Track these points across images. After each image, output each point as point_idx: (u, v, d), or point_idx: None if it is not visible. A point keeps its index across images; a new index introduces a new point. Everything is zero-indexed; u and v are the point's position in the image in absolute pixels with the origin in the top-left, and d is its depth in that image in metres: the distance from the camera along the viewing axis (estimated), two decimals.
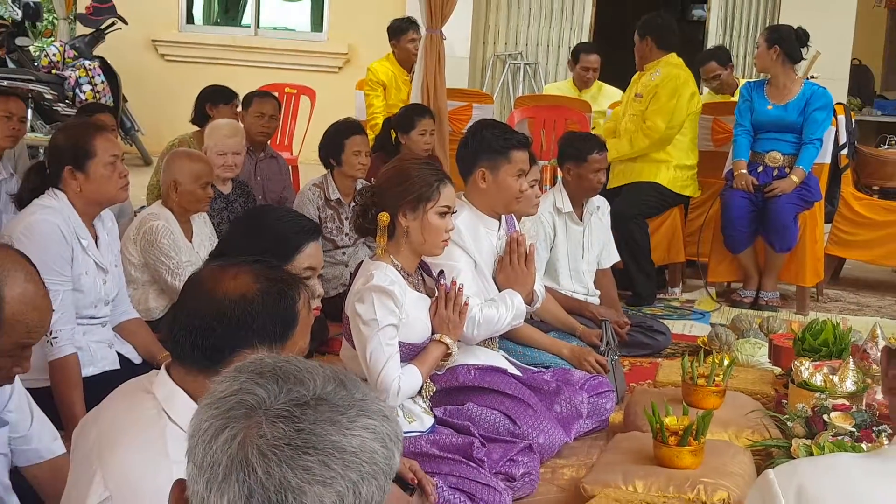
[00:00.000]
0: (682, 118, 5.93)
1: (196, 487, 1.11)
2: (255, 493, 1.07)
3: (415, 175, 3.34)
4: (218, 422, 1.11)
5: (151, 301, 4.37)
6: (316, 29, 11.52)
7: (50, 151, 3.71)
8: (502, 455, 3.30)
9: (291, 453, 1.08)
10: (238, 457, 1.08)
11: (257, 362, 1.18)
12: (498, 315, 3.71)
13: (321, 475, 1.08)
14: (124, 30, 10.03)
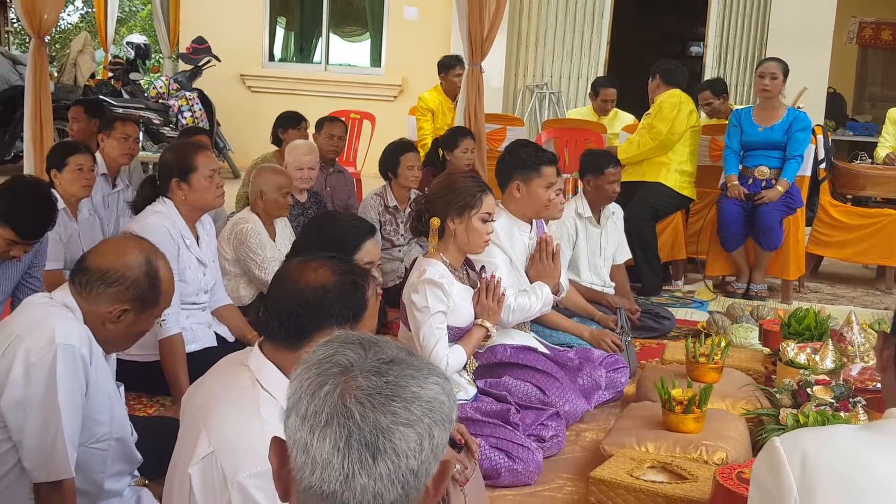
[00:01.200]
0: (682, 128, 5.90)
1: (299, 435, 1.11)
2: (353, 434, 1.08)
3: (461, 186, 3.34)
4: (318, 378, 1.12)
5: (242, 290, 4.40)
6: (375, 64, 11.54)
7: (160, 166, 3.76)
8: (534, 420, 3.30)
9: (382, 400, 1.10)
10: (338, 405, 1.09)
11: (344, 334, 1.19)
12: (529, 303, 3.71)
13: (406, 418, 1.10)
14: (218, 66, 10.12)
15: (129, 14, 19.78)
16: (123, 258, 2.25)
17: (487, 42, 6.27)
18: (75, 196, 4.50)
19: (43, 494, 2.19)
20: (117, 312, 2.24)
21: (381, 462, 1.09)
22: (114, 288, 2.23)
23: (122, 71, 10.37)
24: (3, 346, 2.19)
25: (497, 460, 3.01)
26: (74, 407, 2.17)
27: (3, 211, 3.29)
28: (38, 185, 3.45)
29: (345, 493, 1.09)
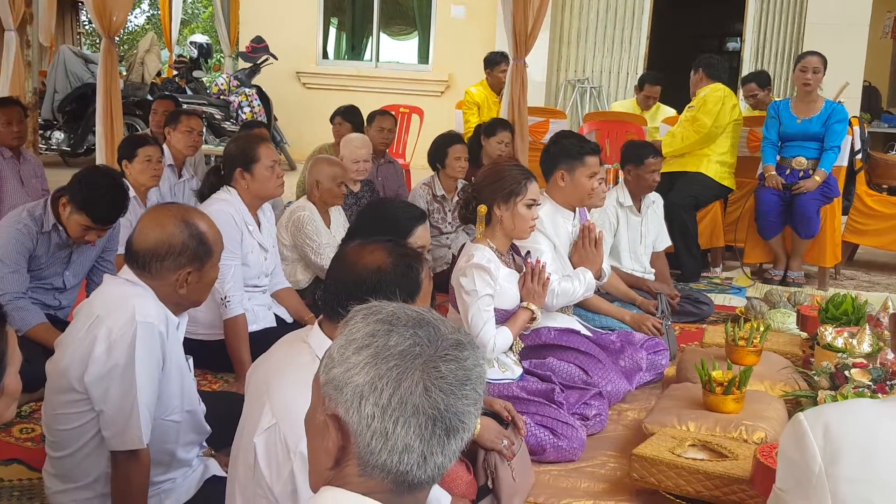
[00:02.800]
0: (725, 121, 5.82)
1: (378, 423, 1.11)
2: (437, 422, 1.11)
3: (507, 174, 3.31)
4: (397, 370, 1.12)
5: (299, 274, 4.44)
6: (423, 61, 11.55)
7: (224, 157, 3.79)
8: (578, 399, 3.28)
9: (459, 386, 1.12)
10: (423, 397, 1.11)
11: (399, 312, 1.19)
12: (573, 288, 3.68)
13: (474, 399, 1.14)
14: (275, 64, 10.20)
15: (191, 16, 20.01)
16: (163, 230, 2.28)
17: (531, 38, 6.23)
18: (144, 185, 4.57)
19: (120, 462, 2.23)
20: (183, 277, 2.29)
21: (454, 440, 1.13)
22: (168, 260, 2.27)
23: (186, 69, 10.49)
24: (85, 325, 2.24)
25: (542, 437, 3.01)
26: (151, 381, 2.21)
27: (80, 198, 3.36)
28: (111, 175, 3.50)
29: (417, 471, 1.12)
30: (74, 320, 2.35)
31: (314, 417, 1.23)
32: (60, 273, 3.61)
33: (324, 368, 1.20)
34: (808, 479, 1.31)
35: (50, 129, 9.62)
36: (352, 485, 1.16)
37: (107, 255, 3.80)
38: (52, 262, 3.57)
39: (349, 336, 1.18)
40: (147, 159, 4.53)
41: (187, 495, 2.43)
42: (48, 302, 3.61)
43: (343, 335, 1.20)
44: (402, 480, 1.13)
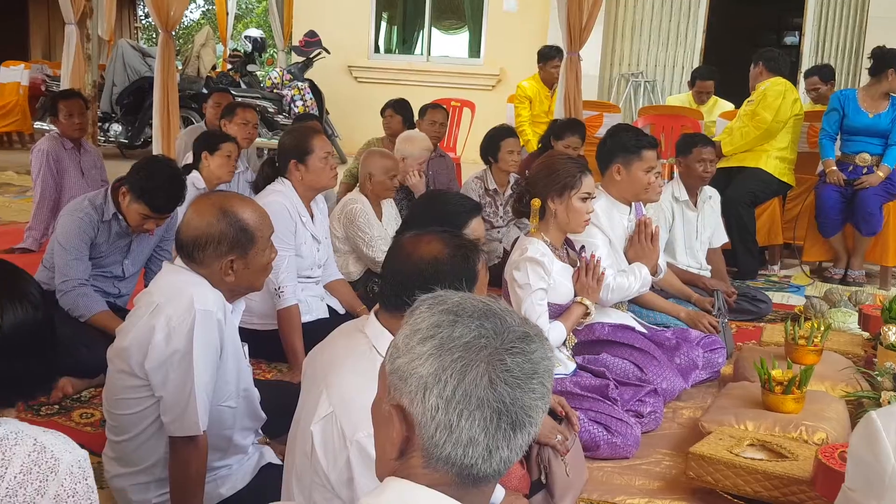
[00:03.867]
0: (786, 115, 5.70)
1: (442, 415, 1.10)
2: (503, 416, 1.09)
3: (561, 168, 3.28)
4: (461, 363, 1.10)
5: (351, 266, 4.46)
6: (474, 55, 11.53)
7: (279, 149, 3.82)
8: (632, 396, 3.24)
9: (526, 379, 1.10)
10: (489, 390, 1.09)
11: (465, 303, 1.17)
12: (628, 283, 3.64)
13: (541, 393, 1.12)
14: (328, 58, 10.26)
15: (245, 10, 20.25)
16: (202, 220, 2.30)
17: (586, 31, 6.19)
18: (220, 180, 4.61)
19: (179, 448, 2.26)
20: (227, 266, 2.31)
21: (521, 435, 1.11)
22: (209, 249, 2.29)
23: (241, 63, 10.62)
24: (145, 313, 2.27)
25: (596, 433, 2.98)
26: (209, 368, 2.24)
27: (139, 188, 3.41)
28: (169, 165, 3.55)
29: (483, 465, 1.11)
30: (135, 308, 2.38)
31: (380, 407, 1.22)
32: (120, 261, 3.68)
33: (389, 358, 1.19)
34: (881, 479, 1.28)
35: (108, 122, 9.82)
36: (417, 476, 1.15)
37: (164, 245, 3.86)
38: (112, 251, 3.64)
39: (414, 326, 1.17)
40: (227, 155, 4.60)
41: (243, 482, 2.46)
42: (108, 290, 3.67)
43: (408, 325, 1.18)
44: (467, 474, 1.12)
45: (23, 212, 6.81)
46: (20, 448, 1.44)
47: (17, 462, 1.43)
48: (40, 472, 1.43)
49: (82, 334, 3.40)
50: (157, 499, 2.38)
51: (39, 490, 1.42)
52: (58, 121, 5.44)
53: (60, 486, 1.44)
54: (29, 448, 1.45)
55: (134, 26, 14.60)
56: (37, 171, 5.50)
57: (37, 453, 1.45)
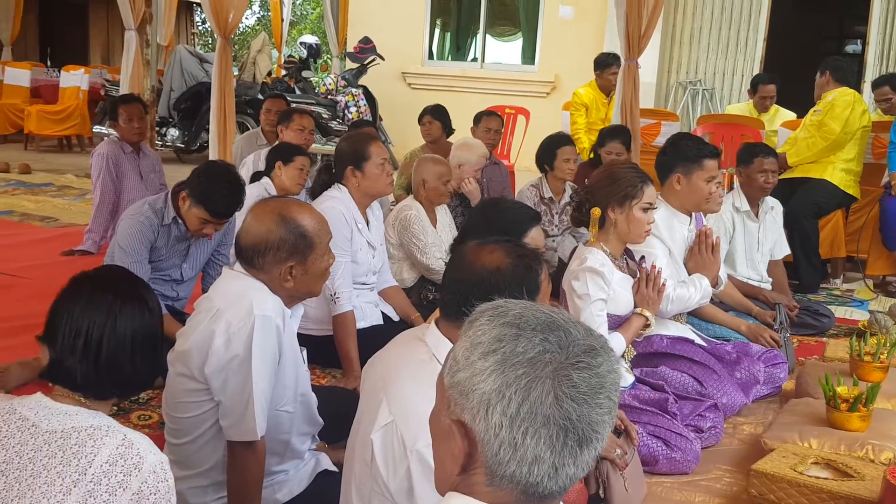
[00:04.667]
0: (854, 126, 5.59)
1: (506, 433, 1.07)
2: (569, 434, 1.06)
3: (622, 177, 3.25)
4: (526, 379, 1.07)
5: (405, 273, 4.47)
6: (528, 62, 11.50)
7: (336, 155, 3.85)
8: (692, 410, 3.19)
9: (593, 394, 1.07)
10: (555, 407, 1.06)
11: (527, 314, 1.14)
12: (688, 294, 3.59)
13: (608, 408, 1.08)
14: (382, 65, 10.32)
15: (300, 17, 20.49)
16: (261, 227, 2.32)
17: (644, 38, 6.13)
18: (288, 192, 4.64)
19: (237, 453, 2.28)
20: (286, 271, 2.32)
21: (587, 451, 1.08)
22: (268, 255, 2.31)
23: (295, 69, 10.73)
24: (206, 317, 2.30)
25: (655, 448, 2.94)
26: (267, 373, 2.26)
27: (199, 192, 3.46)
28: (228, 170, 3.60)
29: (548, 483, 1.08)
30: (195, 312, 2.41)
31: (438, 421, 1.20)
32: (178, 265, 3.74)
33: (448, 371, 1.16)
34: None
35: (165, 126, 10.00)
36: (479, 494, 1.12)
37: (222, 249, 3.91)
38: (171, 254, 3.69)
39: (474, 339, 1.14)
40: (300, 168, 4.65)
41: (299, 487, 2.47)
42: (166, 293, 3.73)
43: (468, 337, 1.15)
44: (532, 492, 1.10)
45: (82, 214, 6.96)
46: (110, 440, 1.53)
47: (105, 452, 1.51)
48: (125, 466, 1.51)
49: None
50: (215, 503, 2.40)
51: (122, 483, 1.50)
52: (118, 125, 5.55)
53: (143, 482, 1.51)
54: (118, 441, 1.54)
55: (191, 32, 14.87)
56: (97, 175, 5.61)
57: (124, 448, 1.53)
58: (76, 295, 1.68)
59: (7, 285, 4.93)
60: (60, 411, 1.59)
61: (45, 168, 9.48)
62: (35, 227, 6.62)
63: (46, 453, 1.53)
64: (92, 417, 1.59)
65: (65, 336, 1.64)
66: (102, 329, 1.64)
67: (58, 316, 1.67)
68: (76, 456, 1.52)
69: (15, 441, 1.56)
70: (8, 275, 5.12)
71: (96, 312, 1.65)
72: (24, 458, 1.54)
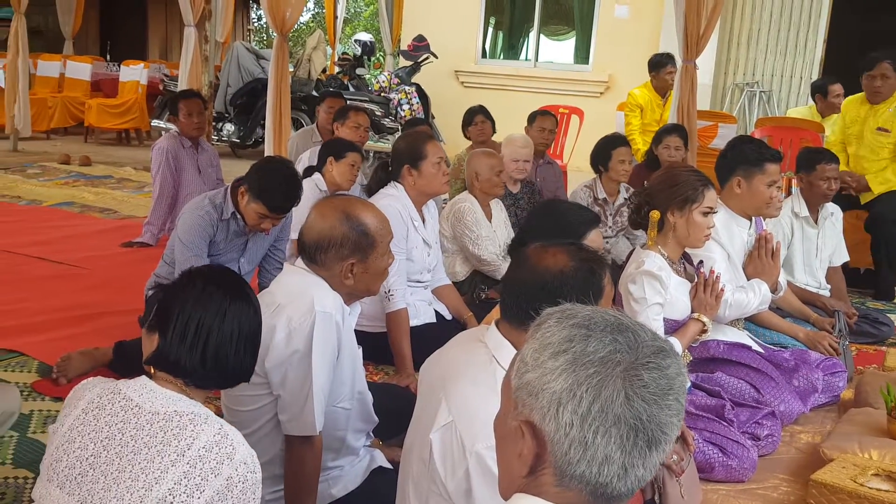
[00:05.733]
0: None
1: (576, 432, 1.08)
2: (639, 433, 1.07)
3: (683, 180, 3.21)
4: (597, 378, 1.08)
5: (458, 266, 4.52)
6: (581, 61, 11.42)
7: (392, 153, 3.87)
8: (749, 418, 3.15)
9: (662, 395, 1.08)
10: (625, 407, 1.07)
11: (595, 316, 1.15)
12: (747, 300, 3.54)
13: (677, 409, 1.09)
14: (435, 63, 10.33)
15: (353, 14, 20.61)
16: (325, 223, 2.34)
17: (703, 39, 6.05)
18: (339, 187, 4.69)
19: (295, 447, 2.30)
20: (347, 269, 2.34)
21: (656, 452, 1.09)
22: (331, 251, 2.33)
23: (350, 66, 10.79)
24: (267, 312, 2.31)
25: (711, 454, 2.90)
26: (326, 369, 2.27)
27: (257, 187, 3.50)
28: (287, 166, 3.64)
29: (618, 483, 1.08)
30: None
31: (505, 422, 1.20)
32: (236, 259, 3.78)
33: (516, 372, 1.17)
34: None
35: (221, 121, 10.13)
36: (548, 494, 1.13)
37: (279, 245, 3.95)
38: (230, 249, 3.74)
39: (543, 340, 1.15)
40: (352, 164, 4.68)
41: (353, 484, 2.48)
42: None
43: (536, 339, 1.16)
44: (601, 493, 1.10)
45: (140, 207, 7.09)
46: (208, 428, 1.63)
47: (203, 438, 1.61)
48: (219, 453, 1.61)
49: None
50: (271, 496, 2.42)
51: (214, 470, 1.59)
52: (177, 120, 5.63)
53: (235, 470, 1.61)
54: (215, 430, 1.63)
55: (247, 28, 15.06)
56: (156, 168, 5.71)
57: (220, 437, 1.63)
58: (189, 288, 1.77)
59: (68, 275, 5.04)
60: (164, 395, 1.68)
61: (104, 160, 9.67)
62: (95, 219, 6.76)
63: (148, 432, 1.62)
64: (192, 405, 1.68)
65: (176, 326, 1.72)
66: (212, 322, 1.73)
67: (170, 306, 1.75)
68: (177, 438, 1.60)
69: (118, 419, 1.64)
70: (69, 265, 5.23)
71: (208, 306, 1.74)
72: (127, 435, 1.62)
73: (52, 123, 11.42)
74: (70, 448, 1.65)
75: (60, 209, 7.03)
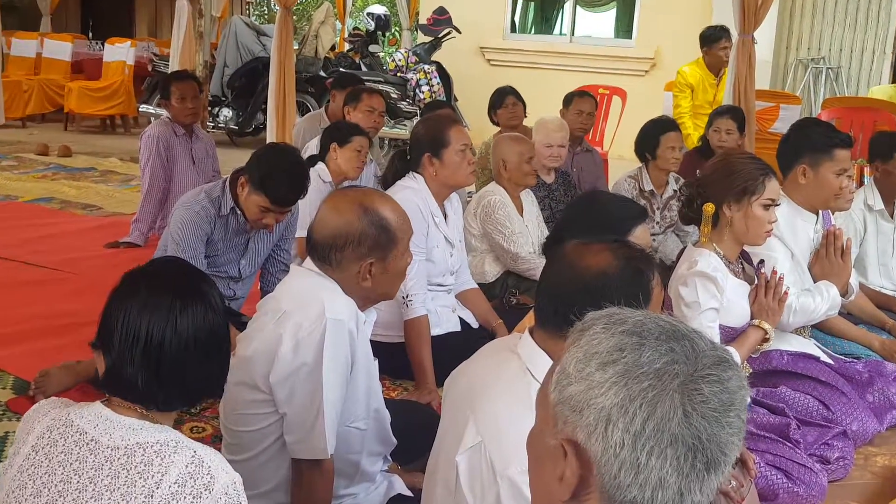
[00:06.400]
0: None
1: (627, 453, 1.07)
2: (698, 454, 1.06)
3: (741, 169, 3.20)
4: (652, 392, 1.08)
5: (487, 266, 4.53)
6: (624, 36, 11.40)
7: (411, 140, 3.88)
8: (817, 438, 3.13)
9: (724, 411, 1.07)
10: (684, 424, 1.06)
11: (648, 322, 1.14)
12: (814, 304, 3.52)
13: (738, 427, 1.08)
14: (457, 38, 10.32)
15: None
16: (341, 218, 2.35)
17: (762, 9, 6.04)
18: (345, 176, 4.72)
19: (303, 472, 2.31)
20: (365, 269, 2.35)
21: (714, 476, 1.08)
22: (348, 250, 2.34)
23: (362, 43, 10.81)
24: (271, 320, 2.33)
25: (774, 480, 2.88)
26: (338, 385, 2.28)
27: (258, 177, 3.51)
28: (291, 153, 3.65)
29: None
30: (259, 314, 2.45)
31: (542, 441, 1.20)
32: (236, 261, 3.81)
33: (556, 385, 1.17)
34: None
35: (218, 106, 10.18)
36: None
37: (283, 245, 3.97)
38: (229, 249, 3.76)
39: (589, 349, 1.14)
40: (357, 150, 4.71)
41: None
42: (223, 291, 3.78)
43: (579, 347, 1.16)
44: None
45: (127, 202, 7.14)
46: (179, 458, 1.54)
47: (174, 471, 1.53)
48: (195, 486, 1.53)
49: None
50: None
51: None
52: (169, 104, 5.66)
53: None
54: (187, 459, 1.55)
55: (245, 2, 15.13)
56: (146, 159, 5.74)
57: (194, 466, 1.55)
58: (131, 294, 1.67)
59: (47, 280, 5.07)
60: (123, 425, 1.60)
61: (86, 151, 9.74)
62: (77, 216, 6.81)
63: (109, 473, 1.54)
64: (158, 432, 1.60)
65: (121, 342, 1.63)
66: (163, 332, 1.63)
67: (112, 319, 1.66)
68: (142, 476, 1.53)
69: (73, 458, 1.57)
70: (48, 268, 5.27)
71: (155, 313, 1.63)
72: (84, 477, 1.55)
73: (27, 109, 11.52)
74: (21, 496, 1.58)
75: (38, 205, 7.09)
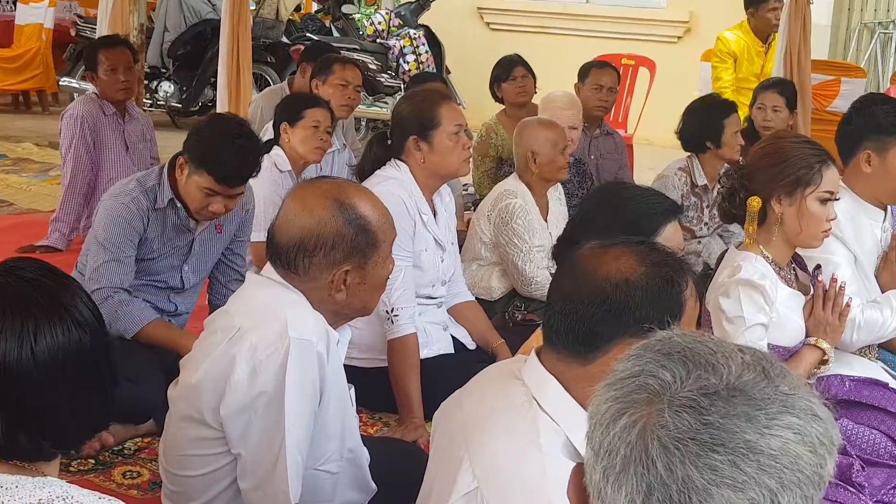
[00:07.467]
0: None
1: (593, 476, 1.11)
2: (654, 490, 1.06)
3: (793, 155, 3.21)
4: (617, 405, 1.10)
5: (494, 280, 4.50)
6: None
7: (394, 121, 3.88)
8: (885, 481, 3.15)
9: (697, 449, 1.05)
10: (637, 447, 1.07)
11: (665, 340, 1.15)
12: (882, 319, 3.52)
13: (731, 478, 1.05)
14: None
15: None
16: (310, 216, 2.35)
17: None
18: (304, 159, 4.73)
19: None
20: (339, 278, 2.36)
21: None
22: (318, 255, 2.34)
23: (333, 2, 10.80)
24: (222, 339, 2.34)
25: None
26: (304, 418, 2.29)
27: (199, 152, 3.49)
28: (237, 123, 3.66)
29: None
30: (207, 332, 2.46)
31: None
32: (178, 267, 3.80)
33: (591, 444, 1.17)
34: None
35: (156, 79, 10.16)
36: None
37: (237, 248, 3.96)
38: (168, 252, 3.75)
39: None
40: (314, 125, 4.72)
41: None
42: (161, 306, 3.80)
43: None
44: None
45: (45, 197, 7.13)
46: None
47: None
48: None
49: (125, 362, 3.49)
50: None
51: None
52: (96, 77, 5.66)
53: None
54: None
55: None
56: (67, 144, 5.73)
57: None
58: None
59: None
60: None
61: None
62: None
63: None
64: (39, 487, 1.53)
65: None
66: (16, 363, 1.57)
67: None
68: None
69: None
70: None
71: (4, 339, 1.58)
72: None
73: None
74: None
75: None
